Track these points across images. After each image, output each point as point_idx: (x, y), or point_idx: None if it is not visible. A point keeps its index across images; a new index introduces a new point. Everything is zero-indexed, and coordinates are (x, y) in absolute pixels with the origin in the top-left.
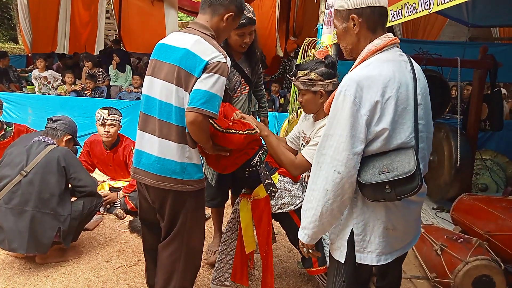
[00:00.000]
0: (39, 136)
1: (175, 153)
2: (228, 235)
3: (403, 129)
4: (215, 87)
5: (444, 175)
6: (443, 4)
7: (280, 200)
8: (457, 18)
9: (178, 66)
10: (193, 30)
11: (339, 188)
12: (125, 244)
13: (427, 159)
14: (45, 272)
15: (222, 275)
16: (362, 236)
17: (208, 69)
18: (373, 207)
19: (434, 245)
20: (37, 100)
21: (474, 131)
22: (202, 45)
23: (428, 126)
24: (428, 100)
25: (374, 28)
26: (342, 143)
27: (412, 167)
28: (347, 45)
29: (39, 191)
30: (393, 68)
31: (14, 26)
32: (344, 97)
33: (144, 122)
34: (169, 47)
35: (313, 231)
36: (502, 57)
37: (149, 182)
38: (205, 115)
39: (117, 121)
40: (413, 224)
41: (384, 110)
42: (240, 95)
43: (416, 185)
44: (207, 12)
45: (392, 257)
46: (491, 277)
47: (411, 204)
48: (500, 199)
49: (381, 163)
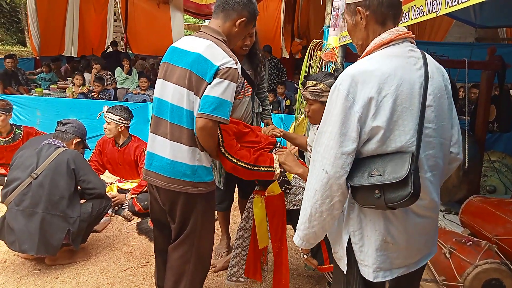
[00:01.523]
0: (49, 139)
1: (186, 156)
2: (242, 232)
3: (404, 132)
4: (226, 93)
5: (452, 177)
6: (451, 7)
7: (295, 197)
8: (464, 19)
9: (189, 70)
10: (205, 34)
11: (327, 189)
12: (133, 246)
13: (441, 169)
14: (54, 273)
15: (237, 272)
16: (360, 247)
17: (219, 74)
18: (371, 216)
19: (443, 248)
20: (46, 102)
21: (482, 132)
22: (214, 50)
23: (442, 131)
24: (444, 102)
25: (383, 21)
26: (331, 140)
27: (404, 173)
28: (358, 40)
29: (49, 193)
30: (396, 64)
31: (23, 29)
32: (338, 92)
33: (156, 125)
34: (181, 51)
35: (304, 234)
36: (510, 58)
37: (160, 184)
38: (215, 121)
39: (111, 120)
40: (420, 242)
41: (379, 108)
42: (243, 97)
43: (408, 193)
44: (220, 16)
45: (392, 275)
46: (501, 281)
47: (415, 217)
48: (509, 202)
49: (373, 165)
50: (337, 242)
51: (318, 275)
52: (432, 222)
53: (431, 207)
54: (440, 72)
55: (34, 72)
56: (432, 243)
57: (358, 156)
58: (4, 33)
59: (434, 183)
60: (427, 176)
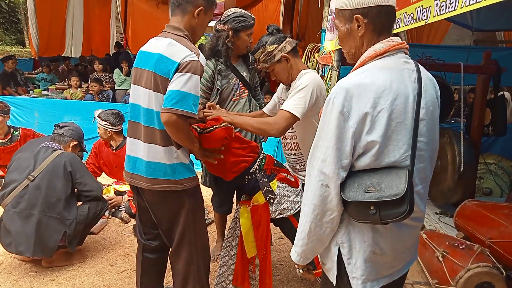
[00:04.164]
0: (46, 142)
1: (164, 156)
2: (229, 241)
3: (397, 146)
4: (187, 85)
5: (448, 180)
6: (439, 15)
7: (279, 206)
8: (461, 23)
9: (153, 72)
10: (166, 33)
11: (327, 203)
12: (130, 248)
13: (429, 181)
14: (51, 275)
15: (224, 280)
16: (348, 259)
17: (179, 69)
18: (360, 228)
19: (436, 251)
20: (44, 104)
21: (478, 136)
22: (173, 47)
23: (432, 144)
24: (436, 114)
25: (380, 31)
26: (328, 156)
27: (402, 190)
28: (350, 48)
29: (46, 195)
30: (391, 77)
31: (22, 30)
32: (332, 106)
33: (132, 129)
34: (146, 53)
35: (302, 250)
36: (507, 61)
37: (145, 186)
38: (179, 114)
39: (99, 124)
40: (404, 251)
41: (375, 123)
42: (239, 98)
43: (404, 211)
44: (177, 13)
45: (379, 285)
46: (492, 284)
47: (403, 228)
48: (503, 205)
49: (368, 180)
50: (325, 254)
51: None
52: (417, 230)
53: (420, 217)
54: (432, 84)
55: (32, 72)
56: (413, 250)
57: (351, 169)
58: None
59: (423, 194)
60: (418, 189)
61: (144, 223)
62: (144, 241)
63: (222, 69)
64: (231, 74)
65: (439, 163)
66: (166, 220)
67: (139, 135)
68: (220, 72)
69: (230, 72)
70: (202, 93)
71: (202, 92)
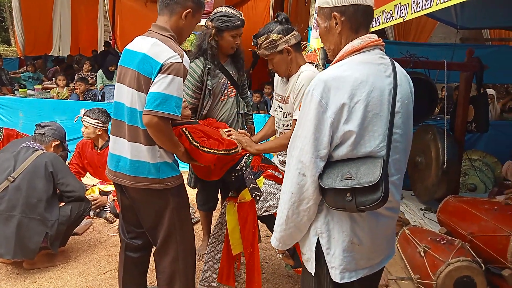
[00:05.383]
0: (27, 142)
1: (147, 154)
2: (215, 237)
3: (373, 137)
4: (170, 88)
5: (432, 176)
6: (416, 12)
7: (265, 203)
8: (446, 20)
9: (137, 72)
10: (152, 33)
11: (304, 191)
12: (114, 248)
13: (403, 173)
14: (32, 277)
15: (209, 276)
16: (327, 249)
17: (162, 70)
18: (338, 217)
19: (418, 246)
20: (29, 103)
21: (461, 132)
22: (158, 47)
23: (406, 137)
24: (410, 108)
25: (357, 28)
26: (306, 145)
27: (376, 177)
28: (330, 45)
29: (26, 196)
30: (368, 71)
31: (7, 28)
32: (311, 97)
33: (116, 127)
34: (131, 52)
35: (280, 235)
36: (491, 59)
37: (129, 183)
38: (161, 116)
39: (89, 123)
40: (383, 242)
41: (351, 114)
42: (227, 98)
43: (379, 197)
44: (165, 13)
45: (357, 276)
46: (472, 278)
47: (379, 217)
48: (484, 201)
49: (345, 169)
50: (305, 244)
51: (298, 275)
52: (393, 221)
53: (395, 207)
54: (407, 80)
55: (17, 72)
56: (392, 244)
57: (330, 159)
58: None
59: (398, 185)
60: (393, 179)
61: (128, 221)
62: (127, 239)
63: (211, 69)
64: (220, 73)
65: (424, 160)
66: (151, 219)
67: (123, 133)
68: (209, 71)
69: (218, 71)
70: (191, 93)
71: (191, 92)
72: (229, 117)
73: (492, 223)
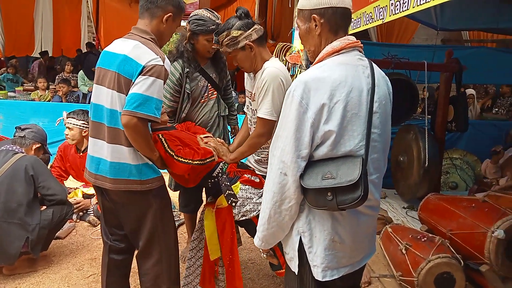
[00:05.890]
0: (7, 145)
1: (128, 156)
2: (195, 243)
3: (353, 136)
4: (150, 89)
5: (414, 175)
6: (394, 14)
7: (242, 208)
8: (427, 22)
9: (117, 73)
10: (133, 35)
11: (285, 191)
12: (98, 252)
13: (383, 171)
14: (13, 283)
15: (191, 282)
16: (309, 247)
17: (143, 72)
18: (320, 216)
19: (400, 244)
20: (9, 106)
21: (442, 132)
22: (139, 49)
23: (384, 137)
24: (388, 109)
25: (336, 30)
26: (287, 145)
27: (356, 176)
28: (310, 46)
29: (6, 201)
30: (347, 72)
31: None
32: (292, 98)
33: (95, 129)
34: (111, 54)
35: (263, 234)
36: (470, 60)
37: (110, 186)
38: (140, 117)
39: (74, 125)
40: (364, 240)
41: (331, 114)
42: (207, 100)
43: (359, 196)
44: (145, 16)
45: (339, 274)
46: (451, 274)
47: (360, 216)
48: (462, 198)
49: (326, 168)
50: (287, 244)
51: None
52: (373, 219)
53: (375, 205)
54: (384, 81)
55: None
56: (373, 242)
57: (311, 159)
58: None
59: (377, 184)
60: (373, 178)
61: (110, 224)
62: (110, 242)
63: (190, 72)
64: (199, 76)
65: (406, 159)
66: (132, 221)
67: (102, 135)
68: (188, 74)
69: (198, 74)
70: (170, 96)
71: (170, 95)
72: (209, 119)
73: (470, 220)
